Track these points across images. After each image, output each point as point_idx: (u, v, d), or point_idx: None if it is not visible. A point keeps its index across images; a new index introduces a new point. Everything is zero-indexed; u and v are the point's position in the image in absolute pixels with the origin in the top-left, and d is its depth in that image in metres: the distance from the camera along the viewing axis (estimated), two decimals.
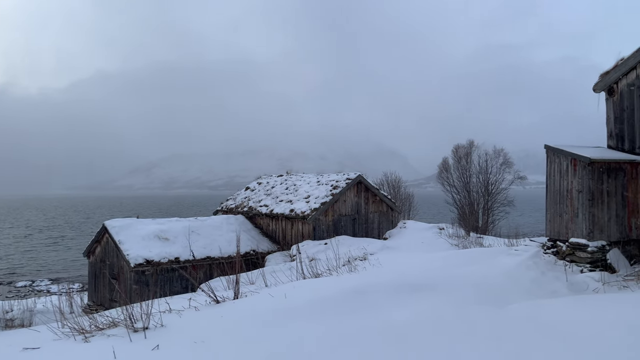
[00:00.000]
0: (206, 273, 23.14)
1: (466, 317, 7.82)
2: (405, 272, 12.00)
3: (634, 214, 12.55)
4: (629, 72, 13.09)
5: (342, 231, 25.60)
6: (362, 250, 20.21)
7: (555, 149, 12.78)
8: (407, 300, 9.06)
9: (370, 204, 27.17)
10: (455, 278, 10.75)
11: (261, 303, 9.50)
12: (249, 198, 30.70)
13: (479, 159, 45.21)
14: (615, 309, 7.02)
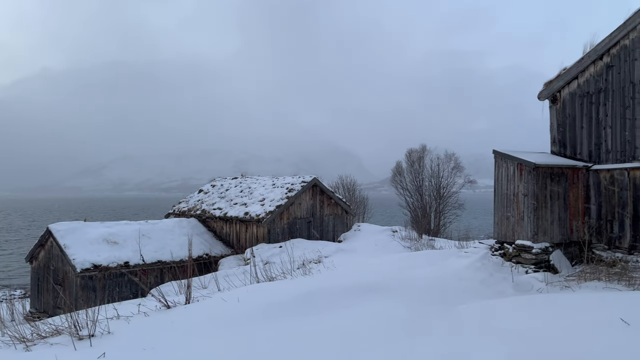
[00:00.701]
0: (157, 278, 22.56)
1: (419, 317, 7.97)
2: (359, 275, 12.11)
3: (574, 217, 13.16)
4: (571, 81, 13.75)
5: (297, 234, 25.59)
6: (317, 253, 20.26)
7: (503, 154, 13.25)
8: (361, 302, 9.14)
9: (326, 207, 27.29)
10: (408, 280, 10.94)
11: (213, 308, 9.34)
12: (203, 201, 30.20)
13: (431, 163, 46.33)
14: (554, 309, 7.33)
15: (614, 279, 10.50)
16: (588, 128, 13.40)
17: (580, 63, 13.43)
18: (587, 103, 13.40)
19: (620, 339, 5.39)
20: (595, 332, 5.77)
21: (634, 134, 12.44)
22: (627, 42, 12.54)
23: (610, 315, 6.17)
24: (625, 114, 12.60)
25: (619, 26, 12.62)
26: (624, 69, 12.62)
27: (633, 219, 12.43)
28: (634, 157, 12.43)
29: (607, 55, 12.96)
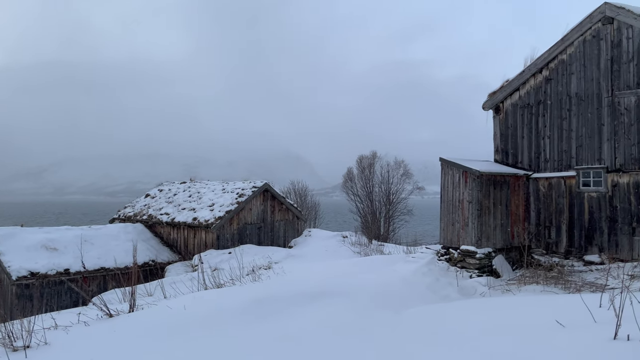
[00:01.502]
0: (100, 285, 21.70)
1: (366, 322, 8.04)
2: (309, 281, 12.09)
3: (516, 223, 13.71)
4: (513, 93, 14.36)
5: (248, 240, 25.30)
6: (267, 259, 20.09)
7: (449, 162, 13.64)
8: (310, 307, 9.12)
9: (277, 213, 27.16)
10: (356, 285, 11.02)
11: (158, 315, 9.07)
12: (149, 206, 29.38)
13: (381, 170, 47.03)
14: (495, 312, 7.58)
15: (551, 283, 10.99)
16: (528, 138, 14.01)
17: (522, 76, 14.05)
18: (528, 114, 14.02)
19: (556, 340, 5.63)
20: (533, 334, 6.00)
21: (570, 145, 13.12)
22: (565, 57, 13.23)
23: (547, 317, 6.43)
24: (562, 125, 13.27)
25: (557, 41, 13.31)
26: (561, 82, 13.30)
27: (569, 225, 13.08)
28: (570, 166, 13.09)
29: (546, 69, 13.62)
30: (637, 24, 11.75)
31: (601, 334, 5.24)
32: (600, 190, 12.43)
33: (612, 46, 12.27)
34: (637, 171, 11.79)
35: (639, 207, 11.76)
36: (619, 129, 12.14)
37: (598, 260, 12.29)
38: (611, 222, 12.24)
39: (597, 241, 12.49)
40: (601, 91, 12.46)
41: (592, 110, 12.63)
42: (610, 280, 9.98)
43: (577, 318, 6.18)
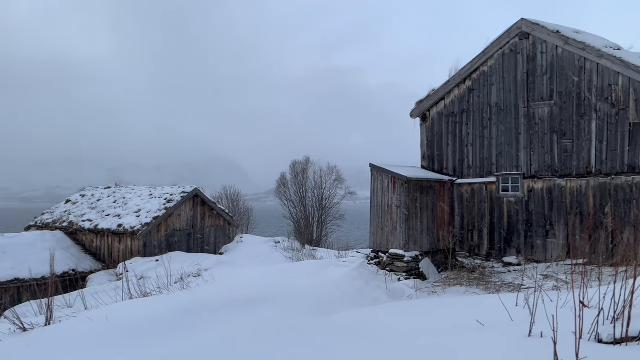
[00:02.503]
0: (14, 297, 20.21)
1: (297, 327, 8.01)
2: (239, 287, 11.90)
3: (441, 227, 14.25)
4: (439, 101, 14.95)
5: (176, 247, 24.54)
6: (197, 266, 19.57)
7: (378, 168, 13.95)
8: (240, 314, 8.97)
9: (207, 219, 26.57)
10: (288, 290, 10.97)
11: (78, 328, 8.56)
12: (70, 212, 27.78)
13: (314, 175, 47.34)
14: (421, 314, 7.82)
15: (474, 284, 11.51)
16: (453, 145, 14.63)
17: (447, 85, 14.67)
18: (452, 122, 14.65)
19: (477, 338, 5.88)
20: (456, 333, 6.23)
21: (490, 152, 13.84)
22: (486, 69, 13.96)
23: (470, 317, 6.71)
24: (484, 134, 13.98)
25: (479, 54, 14.02)
26: (483, 93, 14.02)
27: (490, 229, 13.77)
28: (491, 173, 13.81)
29: (469, 80, 14.30)
30: (551, 40, 12.62)
31: (517, 332, 5.53)
32: (518, 196, 13.20)
33: (528, 60, 13.09)
34: (550, 177, 12.63)
35: (551, 211, 12.60)
36: (534, 138, 12.96)
37: (516, 262, 13.02)
38: (527, 225, 13.02)
39: (515, 243, 13.23)
40: (518, 102, 13.25)
41: (511, 120, 13.40)
42: (526, 281, 10.60)
43: (496, 317, 6.50)
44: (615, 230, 11.34)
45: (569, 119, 12.37)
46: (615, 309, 4.87)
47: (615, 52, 11.75)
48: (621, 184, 11.53)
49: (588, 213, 11.96)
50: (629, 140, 11.47)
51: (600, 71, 11.89)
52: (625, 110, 11.53)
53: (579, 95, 12.21)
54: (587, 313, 5.17)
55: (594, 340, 4.86)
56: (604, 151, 11.82)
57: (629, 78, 11.43)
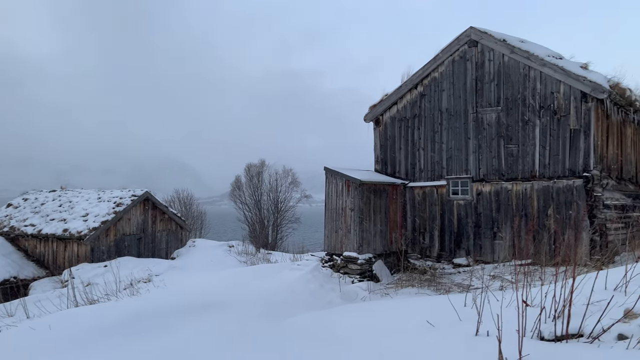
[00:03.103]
0: None
1: (250, 332, 7.93)
2: (191, 292, 11.66)
3: (394, 229, 14.48)
4: (392, 106, 15.20)
5: (126, 252, 23.84)
6: (147, 271, 19.07)
7: (332, 171, 14.04)
8: (191, 320, 8.78)
9: (159, 223, 25.94)
10: (241, 295, 10.85)
11: (19, 338, 8.14)
12: (12, 216, 26.47)
13: (269, 178, 47.09)
14: (373, 316, 7.91)
15: (425, 285, 11.75)
16: (405, 149, 14.91)
17: (399, 91, 14.94)
18: (405, 127, 14.93)
19: (427, 338, 6.00)
20: (407, 334, 6.33)
21: (441, 156, 14.19)
22: (437, 75, 14.31)
23: (420, 318, 6.83)
24: (435, 138, 14.32)
25: (430, 60, 14.36)
26: (434, 98, 14.36)
27: (440, 231, 14.11)
28: (442, 176, 14.15)
29: (420, 85, 14.62)
30: (498, 48, 13.09)
31: (465, 331, 5.68)
32: (467, 199, 13.58)
33: (476, 67, 13.52)
34: (498, 181, 13.07)
35: (499, 213, 13.04)
36: (482, 142, 13.38)
37: (465, 263, 13.38)
38: (476, 227, 13.42)
39: (465, 245, 13.61)
40: (467, 108, 13.66)
41: (460, 125, 13.79)
42: (475, 281, 10.91)
43: (446, 317, 6.64)
44: (556, 231, 11.85)
45: (514, 125, 12.85)
46: (556, 307, 5.07)
47: (557, 61, 12.32)
48: (562, 187, 12.07)
49: (532, 215, 12.46)
50: (569, 145, 12.03)
51: (543, 79, 12.42)
52: (566, 117, 12.09)
53: (524, 102, 12.71)
54: (531, 312, 5.36)
55: (536, 337, 5.04)
56: (546, 156, 12.35)
57: (570, 86, 11.99)
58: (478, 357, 4.85)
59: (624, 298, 5.03)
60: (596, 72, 12.18)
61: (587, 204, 11.70)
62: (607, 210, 12.03)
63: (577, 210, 11.74)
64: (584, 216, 11.64)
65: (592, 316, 4.77)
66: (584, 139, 11.84)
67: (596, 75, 11.90)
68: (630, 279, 5.51)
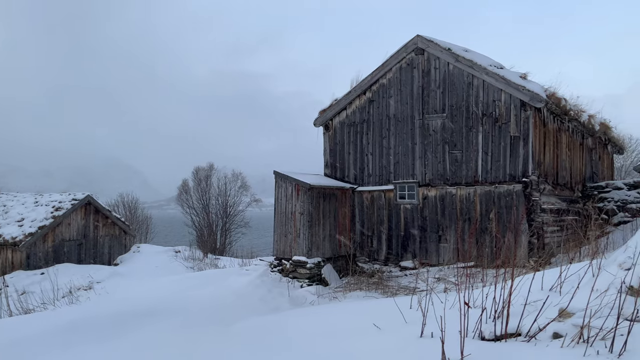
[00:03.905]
0: None
1: (195, 340, 7.74)
2: (134, 300, 11.28)
3: (343, 233, 14.58)
4: (341, 111, 15.33)
5: (65, 258, 22.79)
6: (88, 278, 18.32)
7: (282, 175, 13.98)
8: (134, 329, 8.48)
9: (101, 228, 24.97)
10: (187, 302, 10.59)
11: None
12: None
13: (218, 182, 46.36)
14: (321, 319, 7.91)
15: (373, 288, 11.88)
16: (354, 154, 15.07)
17: (348, 96, 15.09)
18: (354, 132, 15.09)
19: (373, 340, 6.05)
20: (354, 337, 6.37)
21: (389, 161, 14.43)
22: (385, 81, 14.56)
23: (367, 321, 6.89)
24: (383, 143, 14.55)
25: (378, 67, 14.59)
26: (382, 104, 14.60)
27: (388, 235, 14.33)
28: (389, 181, 14.39)
29: (369, 91, 14.82)
30: (443, 56, 13.47)
31: (410, 333, 5.77)
32: (414, 203, 13.87)
33: (423, 74, 13.86)
34: (443, 185, 13.42)
35: (444, 217, 13.39)
36: (428, 148, 13.72)
37: (412, 266, 13.64)
38: (422, 231, 13.72)
39: (411, 248, 13.87)
40: (414, 114, 13.97)
41: (407, 130, 14.08)
42: (421, 284, 11.14)
43: (392, 320, 6.73)
44: (497, 234, 12.30)
45: (459, 131, 13.26)
46: (496, 308, 5.24)
47: (498, 70, 12.81)
48: (503, 191, 12.55)
49: (475, 219, 12.87)
50: (509, 152, 12.53)
51: (485, 87, 12.89)
52: (507, 125, 12.59)
53: (468, 109, 13.13)
54: (473, 312, 5.51)
55: (477, 337, 5.19)
56: (488, 161, 12.81)
57: (510, 95, 12.50)
58: (422, 358, 4.93)
59: (558, 298, 5.26)
60: (534, 82, 12.77)
61: (525, 208, 12.22)
62: (544, 214, 12.61)
63: (516, 214, 12.23)
64: (522, 220, 12.14)
65: (529, 316, 4.96)
66: (523, 146, 12.36)
67: (534, 85, 12.47)
68: (565, 279, 5.77)
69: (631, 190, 15.48)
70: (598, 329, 4.25)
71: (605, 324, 4.22)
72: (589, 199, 15.80)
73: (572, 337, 4.41)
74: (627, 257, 5.24)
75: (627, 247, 5.55)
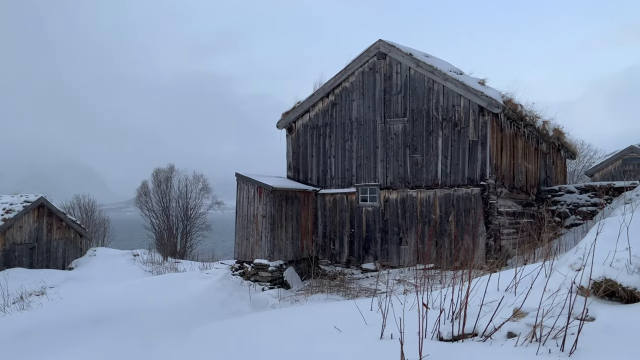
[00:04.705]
0: None
1: (152, 346, 7.56)
2: (89, 305, 10.92)
3: (305, 236, 14.57)
4: (304, 114, 15.34)
5: (16, 262, 21.87)
6: (41, 283, 17.62)
7: (244, 177, 13.86)
8: (89, 336, 8.22)
9: (55, 231, 24.10)
10: (144, 306, 10.34)
11: None
12: None
13: (179, 184, 45.53)
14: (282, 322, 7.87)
15: (334, 290, 11.91)
16: (317, 157, 15.10)
17: (311, 99, 15.11)
18: (317, 135, 15.12)
19: (334, 343, 6.06)
20: (314, 340, 6.35)
21: (351, 164, 14.52)
22: (348, 85, 14.66)
23: (327, 323, 6.89)
24: (345, 146, 14.63)
25: (341, 70, 14.67)
26: (345, 108, 14.69)
27: (350, 237, 14.41)
28: (352, 184, 14.48)
29: (332, 94, 14.89)
30: (404, 61, 13.67)
31: (371, 335, 5.80)
32: (375, 205, 14.00)
33: (384, 79, 14.03)
34: (404, 188, 13.61)
35: (404, 220, 13.57)
36: (389, 151, 13.88)
37: (373, 268, 13.76)
38: (383, 233, 13.86)
39: (373, 250, 13.99)
40: (376, 118, 14.11)
41: (369, 134, 14.22)
42: (381, 286, 11.24)
43: (353, 322, 6.75)
44: (456, 236, 12.56)
45: (419, 135, 13.48)
46: (454, 309, 5.33)
47: (458, 76, 13.11)
48: (462, 195, 12.83)
49: (435, 221, 13.11)
50: (468, 156, 12.83)
51: (445, 93, 13.15)
52: (465, 129, 12.88)
53: (428, 114, 13.37)
54: (432, 313, 5.59)
55: (436, 338, 5.26)
56: (448, 165, 13.07)
57: (469, 100, 12.81)
58: (381, 359, 4.96)
59: (513, 298, 5.39)
60: (492, 88, 13.13)
61: (483, 211, 12.53)
62: (500, 217, 12.96)
63: (474, 217, 12.52)
64: (480, 222, 12.44)
65: (486, 316, 5.07)
66: (481, 150, 12.68)
67: (492, 91, 12.81)
68: (519, 280, 5.93)
69: (582, 194, 16.11)
70: (550, 328, 4.38)
71: (557, 323, 4.36)
72: (543, 202, 16.34)
73: (526, 336, 4.53)
74: (577, 258, 5.43)
75: (577, 249, 5.76)
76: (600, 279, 4.96)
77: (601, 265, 5.04)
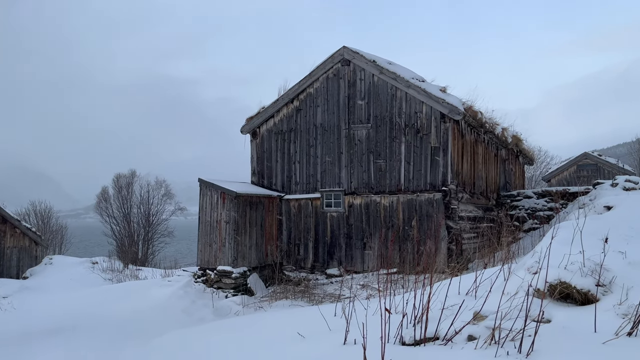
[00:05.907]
0: None
1: (110, 357, 7.34)
2: (44, 316, 10.52)
3: (269, 242, 14.47)
4: (269, 119, 15.27)
5: None
6: None
7: (207, 183, 13.68)
8: (43, 348, 7.90)
9: (8, 238, 23.16)
10: (103, 316, 10.04)
11: None
12: None
13: (140, 190, 44.53)
14: (244, 330, 7.79)
15: (299, 296, 11.87)
16: (282, 162, 15.05)
17: (276, 104, 15.07)
18: (281, 140, 15.08)
19: (297, 349, 6.03)
20: (277, 346, 6.30)
21: (316, 169, 14.54)
22: (312, 91, 14.70)
23: (291, 330, 6.85)
24: (310, 152, 14.65)
25: (305, 76, 14.69)
26: (309, 113, 14.71)
27: (315, 242, 14.40)
28: (316, 189, 14.49)
29: (297, 100, 14.89)
30: (368, 68, 13.82)
31: (334, 341, 5.80)
32: (340, 211, 14.06)
33: (349, 85, 14.13)
34: (368, 194, 13.71)
35: (368, 225, 13.67)
36: (354, 157, 13.98)
37: (337, 273, 13.79)
38: (348, 239, 13.93)
39: (337, 256, 14.03)
40: (340, 123, 14.19)
41: (334, 140, 14.28)
42: (345, 291, 11.28)
43: (317, 328, 6.74)
44: (419, 241, 12.74)
45: (383, 141, 13.63)
46: (416, 313, 5.39)
47: (420, 83, 13.34)
48: (424, 200, 13.04)
49: (398, 226, 13.26)
50: (430, 161, 13.05)
51: (408, 99, 13.36)
52: (427, 136, 13.11)
53: (391, 120, 13.54)
54: (395, 318, 5.64)
55: (398, 342, 5.31)
56: (411, 171, 13.26)
57: (431, 107, 13.05)
58: None
59: (474, 302, 5.50)
60: (453, 95, 13.41)
61: (445, 216, 12.76)
62: (461, 221, 13.22)
63: (436, 222, 12.73)
64: (442, 227, 12.66)
65: (447, 320, 5.15)
66: (442, 156, 12.92)
67: (453, 98, 13.10)
68: (480, 284, 6.05)
69: (540, 199, 16.62)
70: (508, 330, 4.49)
71: (515, 325, 4.47)
72: (503, 207, 16.78)
73: (485, 339, 4.62)
74: (534, 261, 5.60)
75: (534, 253, 5.93)
76: (555, 282, 5.12)
77: (556, 268, 5.22)
